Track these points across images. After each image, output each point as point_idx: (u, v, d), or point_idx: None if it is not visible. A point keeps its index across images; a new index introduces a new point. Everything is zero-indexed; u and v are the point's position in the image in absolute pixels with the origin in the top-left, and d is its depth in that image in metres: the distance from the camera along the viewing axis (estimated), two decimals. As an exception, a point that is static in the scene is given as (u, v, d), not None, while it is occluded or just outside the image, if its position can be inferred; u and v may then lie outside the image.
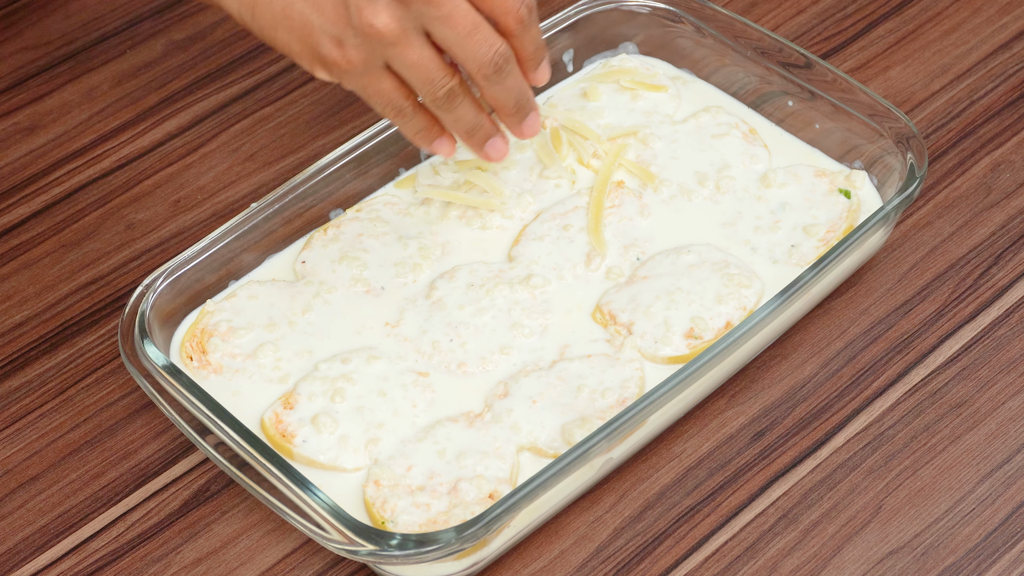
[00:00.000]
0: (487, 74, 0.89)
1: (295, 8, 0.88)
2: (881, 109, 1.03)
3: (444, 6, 0.86)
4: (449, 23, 0.87)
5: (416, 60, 0.88)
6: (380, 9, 0.86)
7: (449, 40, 0.88)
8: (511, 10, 0.89)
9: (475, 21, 0.88)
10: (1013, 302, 1.02)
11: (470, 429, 0.92)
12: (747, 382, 0.98)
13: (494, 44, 0.89)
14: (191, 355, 0.96)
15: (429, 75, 0.89)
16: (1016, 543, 0.90)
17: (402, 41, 0.87)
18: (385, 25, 0.86)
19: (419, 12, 0.87)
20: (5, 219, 1.10)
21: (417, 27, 0.87)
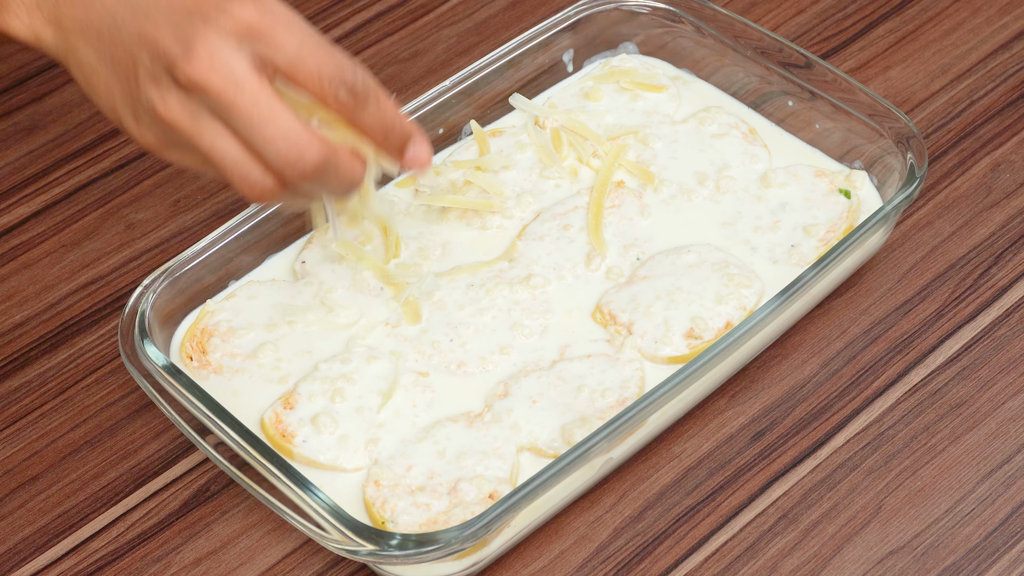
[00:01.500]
0: (290, 180, 0.76)
1: (100, 75, 0.79)
2: (881, 109, 1.03)
3: (225, 93, 0.74)
4: (235, 113, 0.75)
5: (208, 151, 0.76)
6: (164, 93, 0.75)
7: (243, 135, 0.76)
8: (328, 94, 0.76)
9: (266, 113, 0.75)
10: (1013, 302, 1.02)
11: (470, 429, 0.92)
12: (747, 382, 0.98)
13: (296, 143, 0.75)
14: (191, 355, 0.96)
15: (228, 171, 0.77)
16: (1016, 543, 0.90)
17: (191, 129, 0.76)
18: (169, 113, 0.75)
19: (201, 100, 0.75)
20: (5, 219, 1.10)
21: (210, 113, 0.75)
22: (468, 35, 1.21)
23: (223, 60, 0.74)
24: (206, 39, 0.74)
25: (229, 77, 0.74)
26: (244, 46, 0.74)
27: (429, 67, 1.19)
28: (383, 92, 0.78)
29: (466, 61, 1.19)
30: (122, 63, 0.77)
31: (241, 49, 0.74)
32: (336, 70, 0.76)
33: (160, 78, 0.75)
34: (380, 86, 0.78)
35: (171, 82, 0.75)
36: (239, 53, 0.74)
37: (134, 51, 0.76)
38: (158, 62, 0.75)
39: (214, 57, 0.74)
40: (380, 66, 1.19)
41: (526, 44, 1.10)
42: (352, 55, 1.20)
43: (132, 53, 0.76)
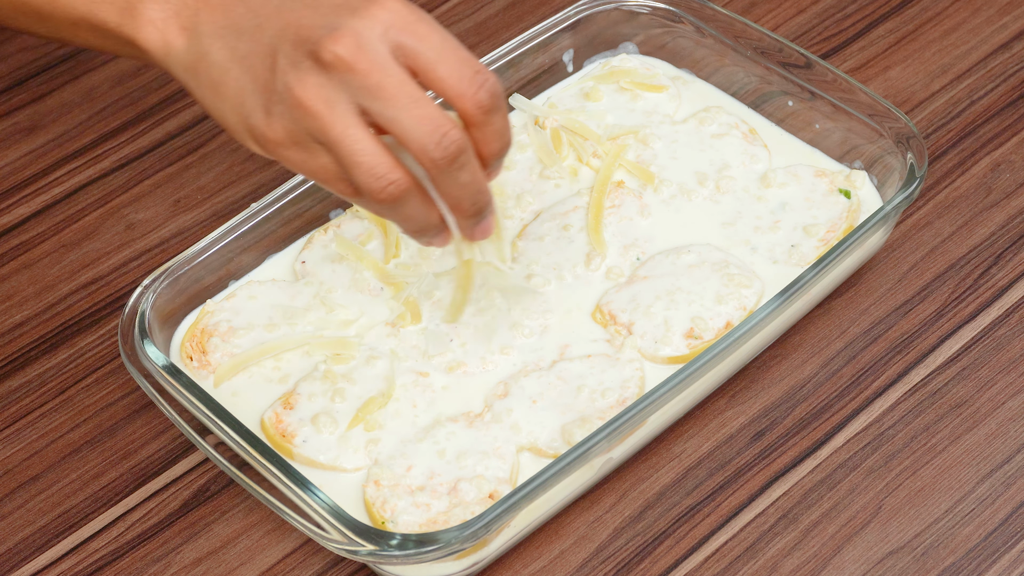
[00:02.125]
0: (435, 159, 0.76)
1: (231, 74, 0.79)
2: (881, 109, 1.03)
3: (372, 75, 0.74)
4: (380, 95, 0.75)
5: (339, 136, 0.75)
6: (303, 76, 0.75)
7: (385, 117, 0.75)
8: (466, 93, 0.76)
9: (414, 94, 0.75)
10: (1013, 302, 1.02)
11: (470, 429, 0.92)
12: (747, 382, 0.98)
13: (440, 125, 0.75)
14: (191, 355, 0.96)
15: (357, 159, 0.76)
16: (1016, 543, 0.90)
17: (326, 114, 0.75)
18: (305, 93, 0.75)
19: (345, 82, 0.75)
20: (5, 219, 1.10)
21: (346, 100, 0.75)
22: (468, 35, 1.21)
23: (369, 42, 0.75)
24: (353, 24, 0.75)
25: (375, 57, 0.75)
26: (388, 35, 0.75)
27: (429, 67, 1.19)
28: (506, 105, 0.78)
29: (466, 61, 1.18)
30: (260, 56, 0.78)
31: (385, 37, 0.75)
32: (476, 70, 0.76)
33: (300, 63, 0.76)
34: None
35: (312, 65, 0.75)
36: (383, 40, 0.75)
37: (275, 43, 0.77)
38: (301, 47, 0.76)
39: (360, 38, 0.75)
40: (380, 66, 1.19)
41: (526, 44, 1.10)
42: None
43: (272, 45, 0.77)
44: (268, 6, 0.79)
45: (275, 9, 0.78)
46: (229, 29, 0.79)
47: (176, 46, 0.82)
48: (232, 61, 0.79)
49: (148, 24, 0.82)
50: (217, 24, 0.80)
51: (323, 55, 0.75)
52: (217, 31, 0.80)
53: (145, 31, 0.82)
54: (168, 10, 0.82)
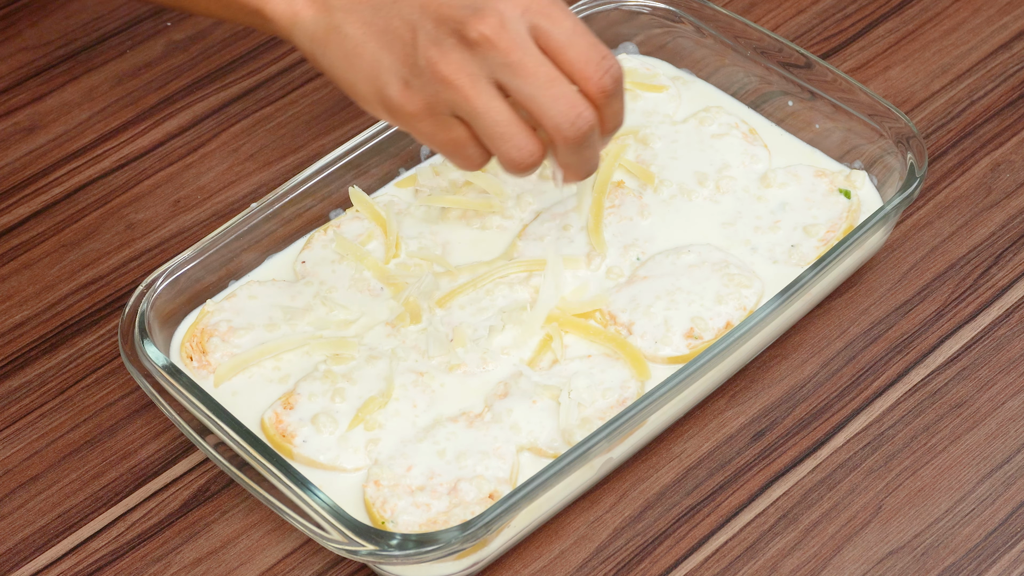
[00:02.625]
0: (567, 138, 0.81)
1: (367, 47, 0.83)
2: (881, 109, 1.03)
3: (513, 52, 0.79)
4: (520, 72, 0.79)
5: (483, 109, 0.80)
6: (447, 52, 0.80)
7: (523, 93, 0.80)
8: (592, 77, 0.80)
9: (551, 74, 0.80)
10: (1013, 302, 1.02)
11: (470, 429, 0.92)
12: (747, 382, 0.98)
13: (576, 105, 0.80)
14: (191, 355, 0.96)
15: (500, 130, 0.81)
16: (1016, 543, 0.90)
17: (468, 87, 0.80)
18: (450, 69, 0.80)
19: (487, 59, 0.79)
20: (5, 219, 1.10)
21: (487, 75, 0.80)
22: (468, 35, 1.21)
23: (511, 21, 0.79)
24: (496, 4, 0.79)
25: (517, 37, 0.79)
26: (526, 16, 0.80)
27: (429, 67, 1.19)
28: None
29: (466, 61, 1.18)
30: (397, 32, 0.82)
31: (524, 18, 0.80)
32: (603, 56, 0.81)
33: (443, 40, 0.80)
34: None
35: (455, 43, 0.80)
36: (522, 21, 0.80)
37: (414, 19, 0.81)
38: (443, 26, 0.80)
39: (503, 17, 0.79)
40: (380, 66, 1.19)
41: (526, 44, 1.10)
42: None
43: (411, 22, 0.81)
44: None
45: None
46: (364, 4, 0.83)
47: (304, 17, 0.85)
48: (367, 35, 0.83)
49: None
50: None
51: (468, 33, 0.79)
52: (350, 5, 0.83)
53: (274, 3, 0.86)
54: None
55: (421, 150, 1.07)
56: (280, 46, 1.21)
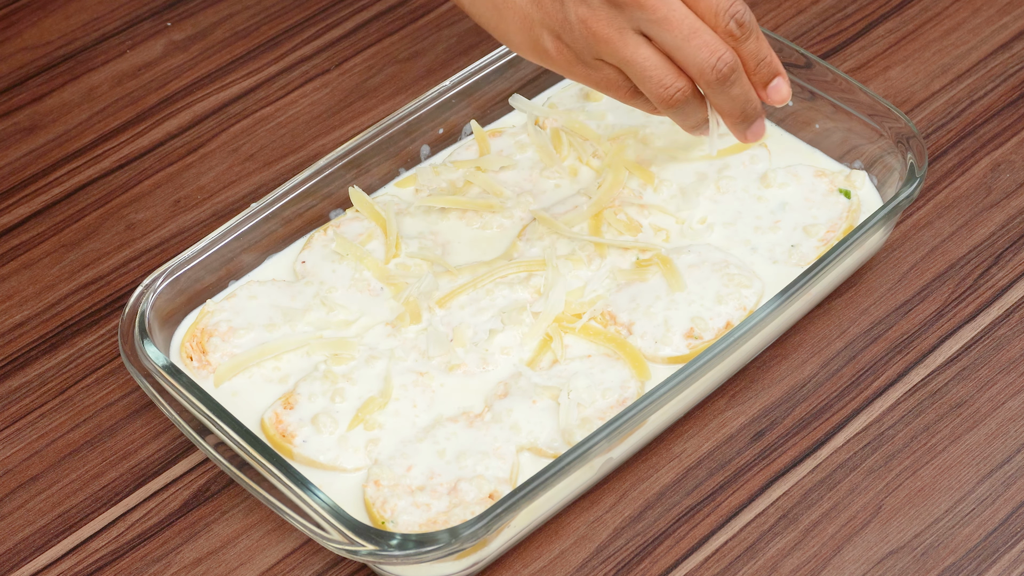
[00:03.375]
0: (710, 81, 0.89)
1: (516, 2, 0.91)
2: (881, 109, 1.03)
3: (659, 9, 0.87)
4: (666, 26, 0.87)
5: (631, 57, 0.88)
6: (595, 9, 0.87)
7: (668, 44, 0.88)
8: (719, 25, 0.88)
9: (693, 25, 0.87)
10: (1013, 302, 1.02)
11: (470, 429, 0.92)
12: (747, 382, 0.98)
13: (717, 50, 0.88)
14: (191, 355, 0.96)
15: (648, 73, 0.89)
16: (1016, 543, 0.90)
17: (617, 41, 0.88)
18: (599, 28, 0.88)
19: (633, 16, 0.87)
20: (5, 219, 1.10)
21: (635, 28, 0.88)
22: (468, 35, 1.21)
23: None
24: None
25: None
26: None
27: (429, 67, 1.19)
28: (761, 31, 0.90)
29: (466, 61, 1.19)
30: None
31: None
32: (730, 5, 0.88)
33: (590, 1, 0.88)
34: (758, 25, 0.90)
35: (601, 2, 0.87)
36: None
37: None
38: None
39: None
40: (380, 66, 1.19)
41: (526, 44, 1.10)
42: (351, 55, 1.20)
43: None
44: None
45: None
46: None
47: None
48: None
49: None
50: None
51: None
52: None
53: None
54: None
55: (421, 150, 1.07)
56: (280, 46, 1.21)
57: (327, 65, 1.20)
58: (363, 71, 1.19)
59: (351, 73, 1.19)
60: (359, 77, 1.19)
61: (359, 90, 1.18)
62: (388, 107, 1.16)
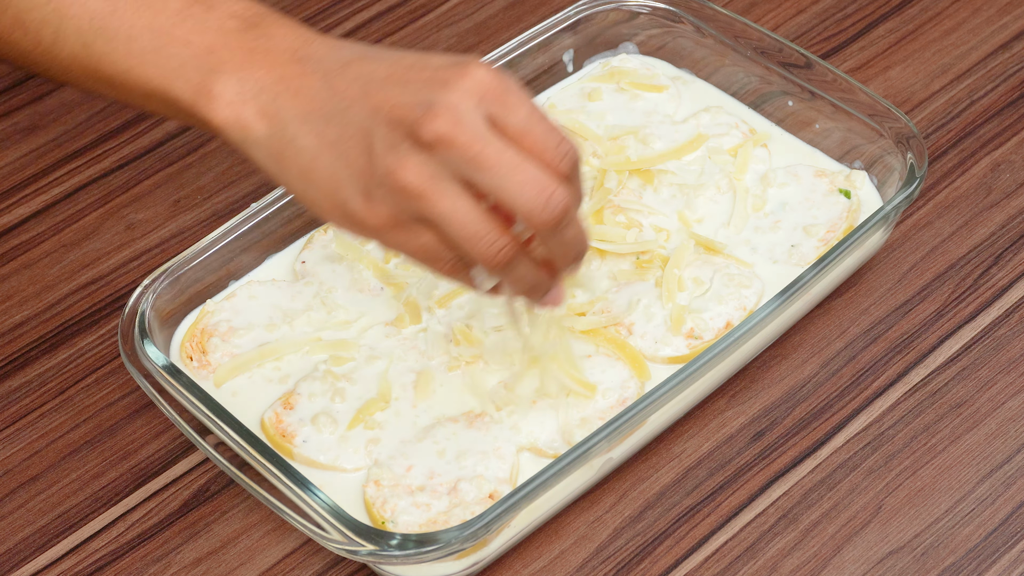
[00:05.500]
0: (544, 222, 0.76)
1: (322, 160, 0.77)
2: (881, 109, 1.03)
3: (473, 146, 0.74)
4: (484, 164, 0.75)
5: (450, 213, 0.75)
6: (403, 157, 0.75)
7: (490, 185, 0.75)
8: (551, 162, 0.76)
9: (515, 161, 0.75)
10: (1013, 302, 1.02)
11: (470, 429, 0.92)
12: (747, 382, 0.98)
13: (547, 186, 0.75)
14: (191, 355, 0.96)
15: (470, 230, 0.76)
16: (1016, 543, 0.90)
17: (431, 192, 0.75)
18: (409, 176, 0.75)
19: (447, 158, 0.75)
20: (5, 219, 1.10)
21: (450, 176, 0.75)
22: (468, 35, 1.22)
23: (466, 115, 0.75)
24: (447, 98, 0.75)
25: (474, 130, 0.75)
26: (481, 106, 0.75)
27: (429, 67, 1.19)
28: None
29: (466, 61, 1.19)
30: (352, 141, 0.77)
31: (479, 108, 0.75)
32: (561, 142, 0.77)
33: (398, 145, 0.75)
34: None
35: (411, 146, 0.75)
36: (478, 110, 0.75)
37: (367, 125, 0.76)
38: (397, 129, 0.75)
39: (457, 112, 0.74)
40: (380, 66, 1.19)
41: (526, 44, 1.10)
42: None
43: (365, 128, 0.76)
44: (353, 88, 0.77)
45: (361, 91, 0.77)
46: (315, 114, 0.78)
47: (256, 131, 0.79)
48: (322, 147, 0.77)
49: (225, 107, 0.79)
50: (301, 109, 0.78)
51: (423, 134, 0.74)
52: (302, 116, 0.78)
53: (221, 113, 0.80)
54: (244, 93, 0.79)
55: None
56: (280, 46, 1.21)
57: (327, 65, 1.20)
58: (363, 71, 1.19)
59: (351, 73, 1.19)
60: (359, 77, 1.19)
61: (359, 90, 1.18)
62: (388, 107, 1.16)
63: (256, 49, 0.80)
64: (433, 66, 0.76)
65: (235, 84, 0.79)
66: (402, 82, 0.76)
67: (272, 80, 0.79)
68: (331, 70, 0.78)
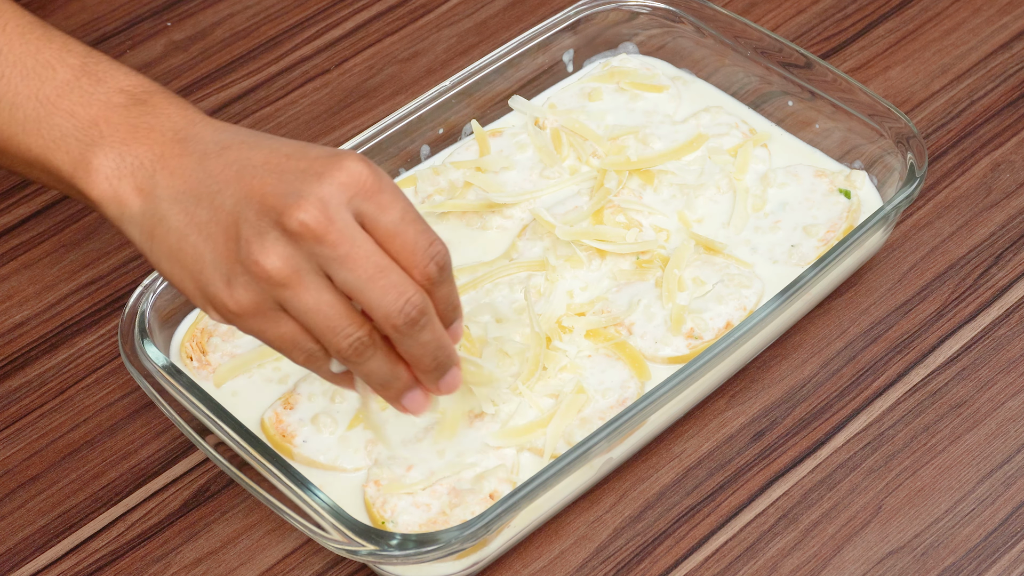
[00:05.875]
0: (397, 325, 0.76)
1: (189, 241, 0.77)
2: (881, 109, 1.03)
3: (341, 245, 0.74)
4: (349, 264, 0.75)
5: (311, 305, 0.76)
6: (268, 245, 0.74)
7: (351, 285, 0.75)
8: (419, 264, 0.77)
9: (380, 263, 0.75)
10: (1013, 302, 1.02)
11: (470, 429, 0.92)
12: (747, 382, 0.98)
13: (405, 291, 0.76)
14: (191, 355, 0.96)
15: (329, 323, 0.76)
16: (1016, 543, 0.90)
17: (294, 283, 0.75)
18: (273, 265, 0.74)
19: (313, 251, 0.75)
20: (5, 219, 1.10)
21: (313, 268, 0.75)
22: (468, 35, 1.22)
23: (335, 209, 0.74)
24: (319, 189, 0.74)
25: (343, 226, 0.75)
26: (353, 202, 0.75)
27: (429, 67, 1.19)
28: (454, 276, 0.80)
29: (466, 61, 1.19)
30: (220, 224, 0.76)
31: (351, 203, 0.75)
32: (430, 245, 0.77)
33: (265, 232, 0.75)
34: None
35: (278, 235, 0.75)
36: (348, 206, 0.75)
37: (237, 210, 0.76)
38: (266, 216, 0.75)
39: (327, 205, 0.74)
40: (380, 66, 1.19)
41: (526, 44, 1.10)
42: (351, 55, 1.20)
43: (234, 213, 0.76)
44: (227, 171, 0.77)
45: (235, 175, 0.76)
46: (187, 194, 0.77)
47: (132, 207, 0.79)
48: (190, 228, 0.77)
49: (103, 181, 0.79)
50: (175, 188, 0.78)
51: (290, 224, 0.74)
52: (175, 195, 0.78)
53: (99, 187, 0.79)
54: (123, 168, 0.79)
55: (421, 150, 1.07)
56: (280, 46, 1.21)
57: (327, 65, 1.20)
58: (363, 71, 1.19)
59: (351, 73, 1.19)
60: (359, 77, 1.19)
61: (359, 90, 1.18)
62: (388, 107, 1.16)
63: (140, 126, 0.79)
64: (310, 156, 0.76)
65: (114, 159, 0.79)
66: (277, 171, 0.76)
67: (151, 157, 0.78)
68: (209, 152, 0.78)
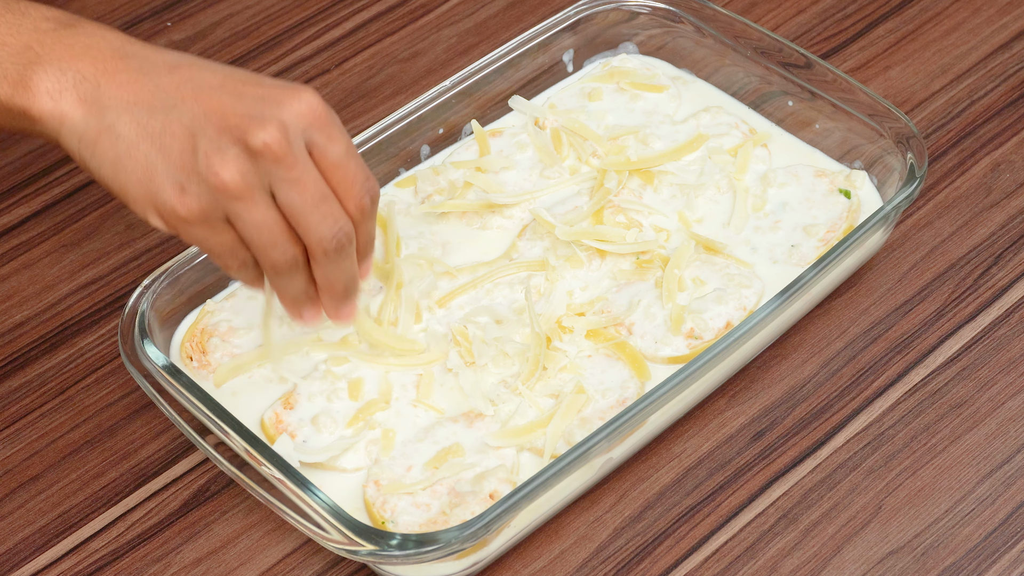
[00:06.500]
0: (327, 250, 0.83)
1: (140, 149, 0.80)
2: (881, 109, 1.03)
3: (295, 168, 0.80)
4: (297, 188, 0.80)
5: (258, 220, 0.81)
6: (229, 160, 0.79)
7: (295, 207, 0.81)
8: (356, 196, 0.83)
9: (324, 192, 0.81)
10: (1013, 302, 1.02)
11: (470, 429, 0.92)
12: (747, 382, 0.98)
13: (339, 220, 0.82)
14: (191, 355, 0.96)
15: (272, 238, 0.82)
16: (1016, 543, 0.90)
17: (247, 197, 0.80)
18: (232, 178, 0.79)
19: (268, 171, 0.80)
20: (5, 219, 1.10)
21: (264, 186, 0.80)
22: (468, 35, 1.22)
23: (294, 135, 0.80)
24: (279, 114, 0.80)
25: (298, 152, 0.80)
26: (308, 131, 0.81)
27: (429, 67, 1.19)
28: None
29: (466, 61, 1.19)
30: (175, 136, 0.80)
31: (305, 132, 0.81)
32: (367, 179, 0.83)
33: (226, 148, 0.79)
34: None
35: (239, 152, 0.79)
36: (303, 134, 0.80)
37: (195, 125, 0.80)
38: (227, 133, 0.79)
39: (287, 130, 0.79)
40: (380, 66, 1.19)
41: (526, 44, 1.10)
42: (351, 55, 1.20)
43: (191, 127, 0.80)
44: (183, 88, 0.80)
45: (192, 92, 0.80)
46: (138, 105, 0.80)
47: (73, 117, 0.81)
48: (141, 137, 0.80)
49: (43, 94, 0.81)
50: (124, 99, 0.81)
51: (253, 142, 0.79)
52: (124, 106, 0.81)
53: (40, 101, 0.81)
54: (64, 83, 0.81)
55: (421, 150, 1.07)
56: (280, 46, 1.21)
57: (327, 65, 1.20)
58: (363, 71, 1.19)
59: (351, 73, 1.19)
60: (359, 77, 1.19)
61: (359, 90, 1.18)
62: (388, 107, 1.16)
63: (75, 45, 0.82)
64: (266, 84, 0.81)
65: (54, 74, 0.81)
66: (236, 94, 0.80)
67: (93, 72, 0.81)
68: (157, 68, 0.81)
